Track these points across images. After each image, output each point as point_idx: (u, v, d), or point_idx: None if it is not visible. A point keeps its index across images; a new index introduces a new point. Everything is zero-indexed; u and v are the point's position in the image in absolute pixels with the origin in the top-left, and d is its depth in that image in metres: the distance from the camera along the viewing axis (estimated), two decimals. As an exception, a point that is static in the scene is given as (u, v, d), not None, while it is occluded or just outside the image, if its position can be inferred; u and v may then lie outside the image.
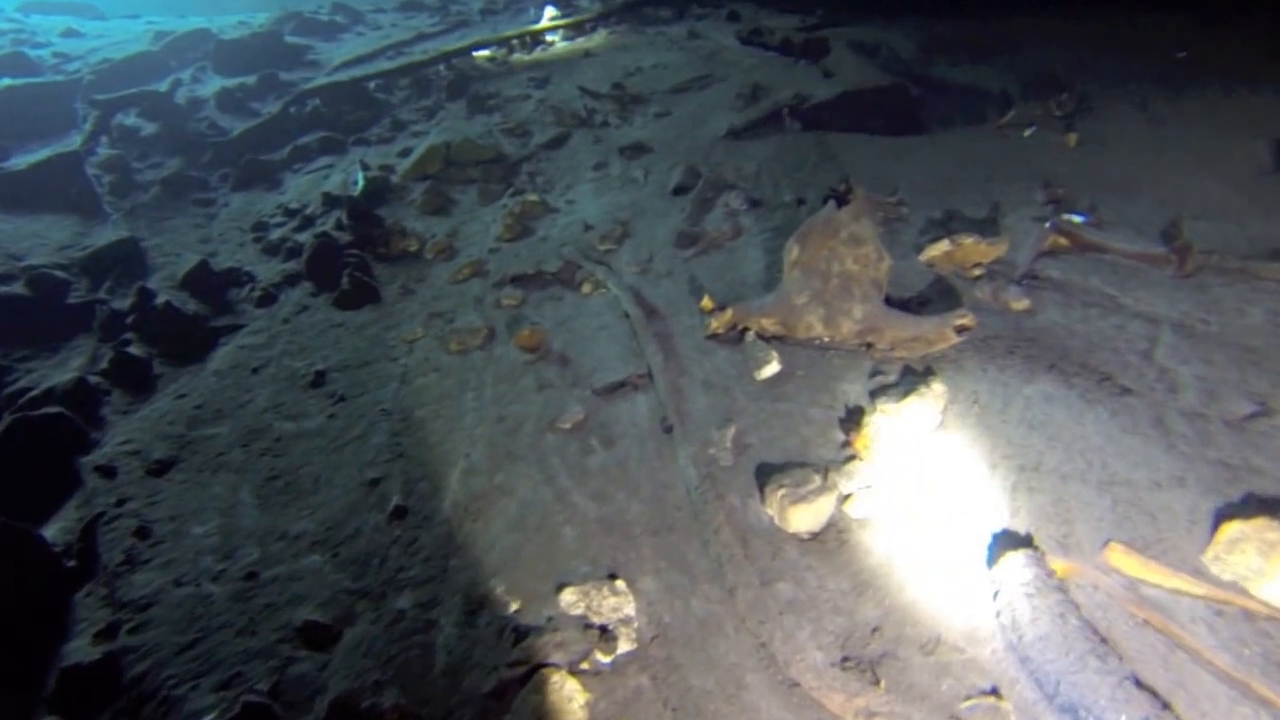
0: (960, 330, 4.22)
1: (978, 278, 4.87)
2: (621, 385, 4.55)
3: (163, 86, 9.98)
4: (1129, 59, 7.84)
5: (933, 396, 3.81)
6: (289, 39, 13.08)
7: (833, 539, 3.24)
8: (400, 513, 3.93)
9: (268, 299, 6.15)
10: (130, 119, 9.22)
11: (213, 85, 10.76)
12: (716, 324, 4.73)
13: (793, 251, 4.64)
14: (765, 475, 3.54)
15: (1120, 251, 4.79)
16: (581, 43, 12.55)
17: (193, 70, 11.52)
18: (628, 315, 5.13)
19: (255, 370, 5.32)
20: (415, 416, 4.64)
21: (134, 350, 5.55)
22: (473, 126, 8.84)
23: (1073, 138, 6.32)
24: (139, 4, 18.75)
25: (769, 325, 4.67)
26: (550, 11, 14.38)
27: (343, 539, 3.84)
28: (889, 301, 4.57)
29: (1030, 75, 7.70)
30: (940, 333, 4.20)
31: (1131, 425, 3.38)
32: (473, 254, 6.35)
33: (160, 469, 4.44)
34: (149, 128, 9.11)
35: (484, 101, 9.63)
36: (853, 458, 3.57)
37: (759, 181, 6.51)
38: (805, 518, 3.29)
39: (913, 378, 4.02)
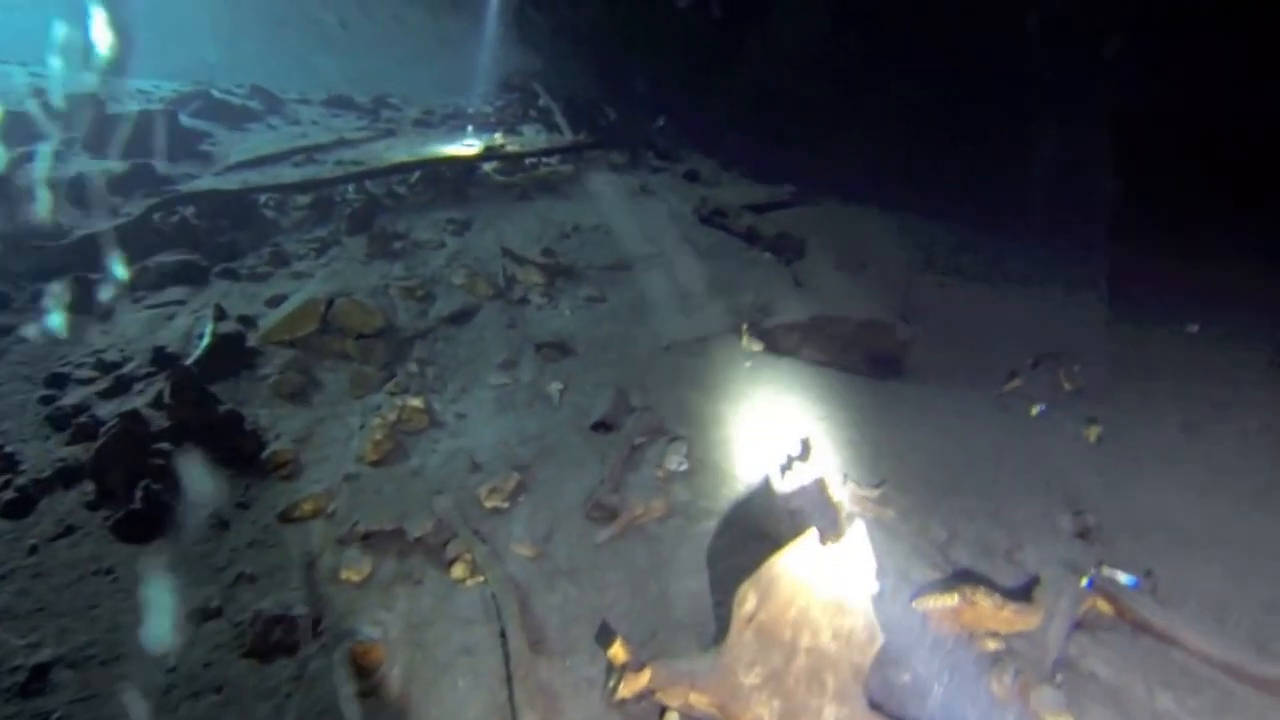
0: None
1: (994, 653, 3.62)
2: (477, 782, 3.08)
3: None
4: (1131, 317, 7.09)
5: None
6: (186, 121, 11.55)
7: None
8: None
9: (20, 505, 4.45)
10: (-57, 199, 7.51)
11: (74, 166, 9.10)
12: (626, 689, 3.36)
13: (747, 601, 3.33)
14: None
15: (1195, 651, 3.58)
16: (519, 178, 11.38)
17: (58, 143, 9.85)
18: (504, 637, 3.67)
19: (-53, 645, 3.62)
20: (159, 789, 3.04)
21: None
22: (367, 276, 7.40)
23: (1094, 431, 5.32)
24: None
25: (700, 704, 3.33)
26: (472, 131, 13.32)
27: None
28: (874, 703, 3.27)
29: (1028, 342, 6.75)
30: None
31: None
32: (323, 478, 4.83)
33: None
34: (-37, 213, 7.41)
35: (389, 242, 8.23)
36: None
37: (703, 426, 5.23)
38: None
39: None
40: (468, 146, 12.40)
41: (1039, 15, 11.33)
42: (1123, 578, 4.00)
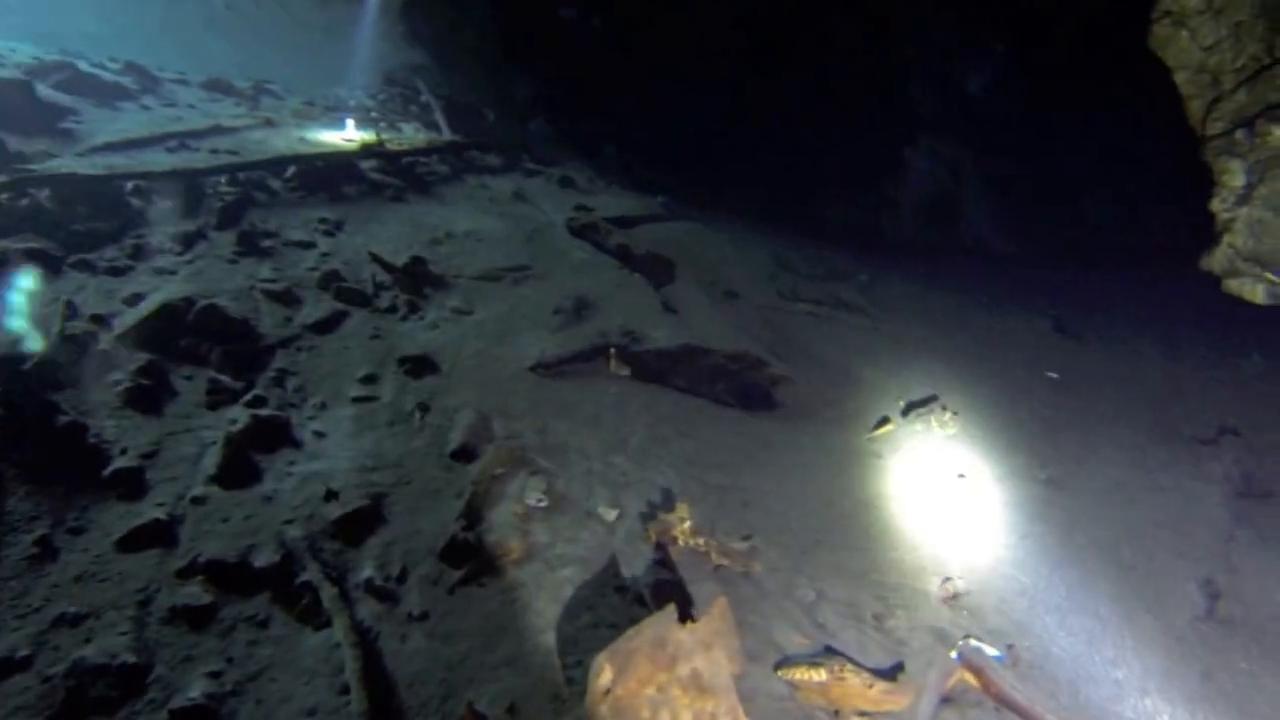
0: None
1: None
2: None
3: None
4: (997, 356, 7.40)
5: None
6: (45, 93, 10.83)
7: None
8: None
9: None
10: None
11: (-92, 135, 8.46)
12: (472, 758, 3.30)
13: (603, 674, 3.31)
14: None
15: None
16: (395, 178, 11.11)
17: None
18: (348, 693, 3.58)
19: None
20: None
21: None
22: (233, 276, 7.11)
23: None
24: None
25: (546, 771, 3.29)
26: (352, 126, 12.98)
27: None
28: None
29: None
30: None
31: None
32: (166, 499, 4.62)
33: None
34: None
35: (258, 240, 7.94)
36: None
37: (566, 459, 5.21)
38: None
39: None
40: (347, 140, 12.09)
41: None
42: (989, 651, 4.12)
